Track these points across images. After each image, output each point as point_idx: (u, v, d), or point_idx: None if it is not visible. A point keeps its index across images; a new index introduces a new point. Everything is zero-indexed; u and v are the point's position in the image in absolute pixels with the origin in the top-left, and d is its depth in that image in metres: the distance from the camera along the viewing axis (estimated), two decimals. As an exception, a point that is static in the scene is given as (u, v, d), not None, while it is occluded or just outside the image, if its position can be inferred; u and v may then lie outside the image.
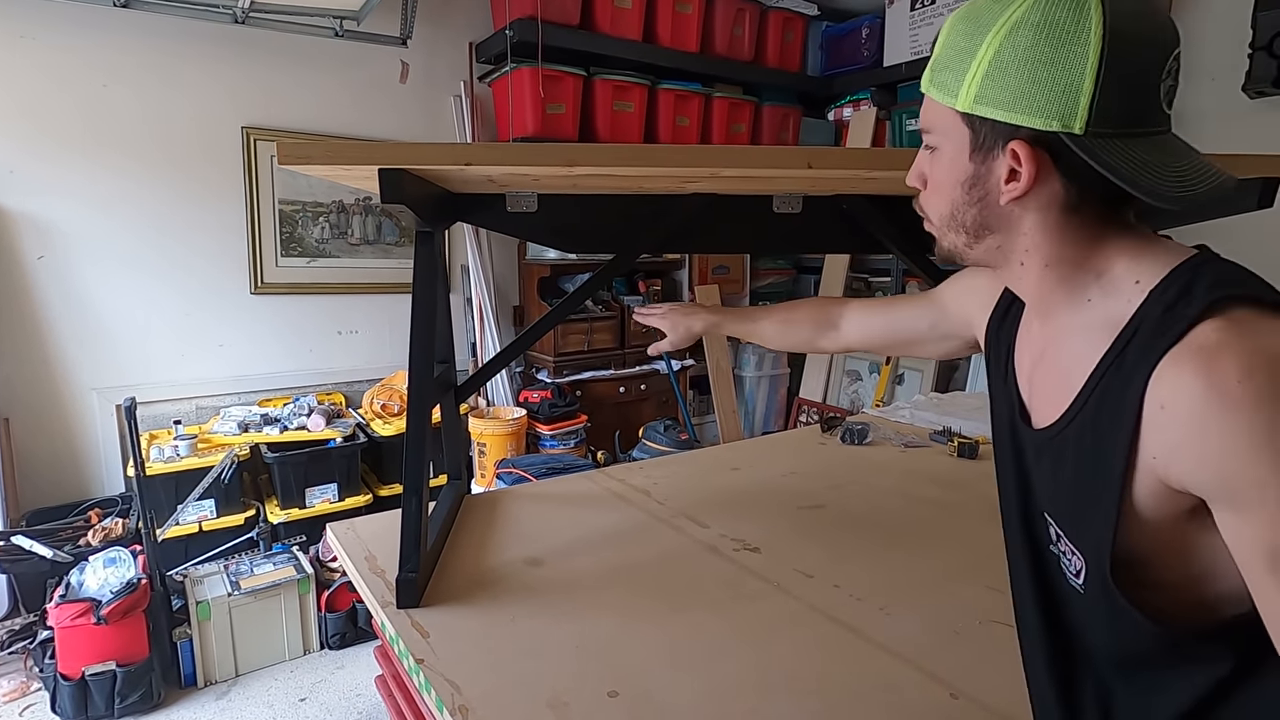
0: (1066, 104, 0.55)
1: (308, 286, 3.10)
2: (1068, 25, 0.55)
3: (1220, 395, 0.50)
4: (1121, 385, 0.57)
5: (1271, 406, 0.49)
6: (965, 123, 0.61)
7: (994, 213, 0.62)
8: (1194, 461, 0.53)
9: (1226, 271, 0.57)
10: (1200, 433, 0.52)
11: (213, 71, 2.79)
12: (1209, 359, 0.51)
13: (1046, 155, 0.58)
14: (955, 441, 1.91)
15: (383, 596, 1.16)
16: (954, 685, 0.93)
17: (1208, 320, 0.53)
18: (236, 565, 2.42)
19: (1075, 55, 0.54)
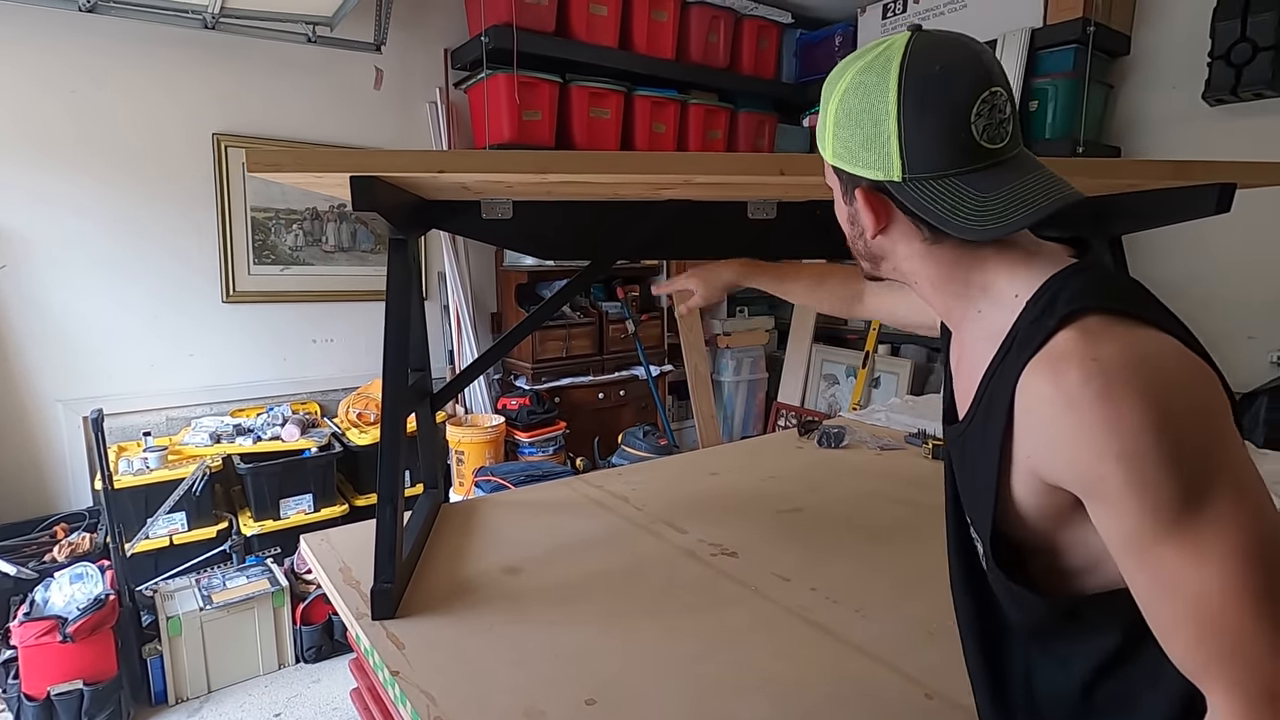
0: (884, 156, 0.63)
1: (281, 294, 3.06)
2: (874, 88, 0.63)
3: (1065, 399, 0.56)
4: (1000, 389, 0.62)
5: (1106, 407, 0.54)
6: (834, 173, 0.70)
7: (874, 245, 0.70)
8: (1057, 460, 0.59)
9: (1091, 282, 0.61)
10: (1056, 434, 0.57)
11: (182, 77, 2.75)
12: (1057, 366, 0.57)
13: (885, 199, 0.66)
14: (929, 444, 1.93)
15: (357, 608, 1.14)
16: (929, 686, 0.94)
17: (1062, 330, 0.58)
18: (208, 579, 2.37)
19: (880, 114, 0.63)
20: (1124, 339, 0.57)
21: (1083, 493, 0.58)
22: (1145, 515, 0.54)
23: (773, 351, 4.42)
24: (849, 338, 4.11)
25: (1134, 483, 0.54)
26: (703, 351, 3.93)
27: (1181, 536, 0.53)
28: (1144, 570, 0.56)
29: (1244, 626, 0.52)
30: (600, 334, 3.58)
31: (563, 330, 3.45)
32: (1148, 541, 0.54)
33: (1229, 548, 0.52)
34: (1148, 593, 0.57)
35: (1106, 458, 0.54)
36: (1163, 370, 0.55)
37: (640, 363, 3.62)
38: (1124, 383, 0.54)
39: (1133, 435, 0.53)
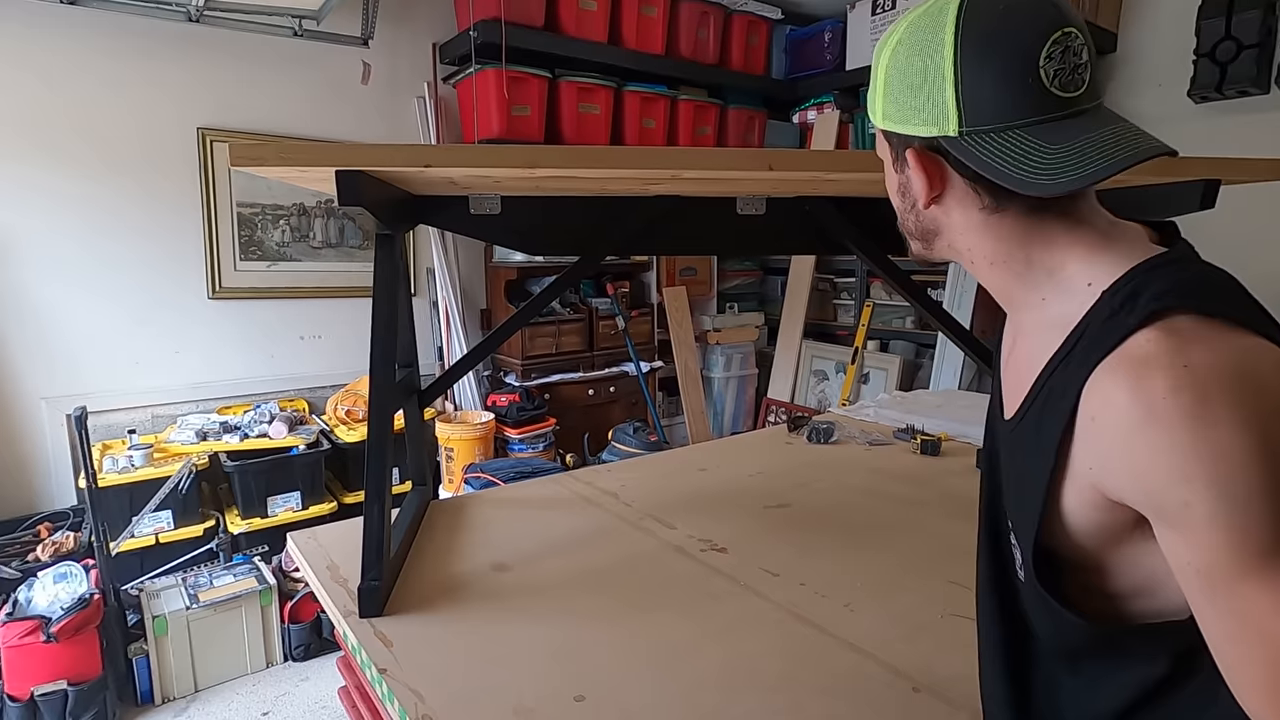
0: (938, 109, 0.57)
1: (268, 291, 3.03)
2: (928, 36, 0.57)
3: (1146, 410, 0.49)
4: (1063, 388, 0.56)
5: (1196, 424, 0.47)
6: (884, 138, 0.64)
7: (926, 216, 0.64)
8: (1124, 476, 0.52)
9: (1182, 277, 0.54)
10: (1127, 448, 0.51)
11: (166, 71, 2.72)
12: (1138, 372, 0.50)
13: (939, 159, 0.59)
14: (918, 439, 1.94)
15: (345, 606, 1.13)
16: (916, 679, 0.94)
17: (1144, 329, 0.51)
18: (195, 578, 2.35)
19: (935, 62, 0.56)
20: (1221, 345, 0.50)
21: (1154, 514, 0.52)
22: (1233, 550, 0.47)
23: (762, 348, 4.43)
24: (838, 334, 4.13)
25: (1223, 513, 0.47)
26: (692, 348, 3.93)
27: (1273, 577, 0.47)
28: (1220, 609, 0.50)
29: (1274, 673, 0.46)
30: (590, 330, 3.58)
31: (553, 326, 3.44)
32: (1231, 579, 0.48)
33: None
34: (1221, 632, 0.51)
35: (1195, 482, 0.48)
36: (1266, 385, 0.48)
37: (630, 359, 3.62)
38: (1220, 397, 0.47)
39: (1227, 460, 0.47)
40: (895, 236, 1.54)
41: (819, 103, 4.07)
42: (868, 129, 3.81)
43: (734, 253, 4.23)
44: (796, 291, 4.11)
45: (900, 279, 1.56)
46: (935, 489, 1.66)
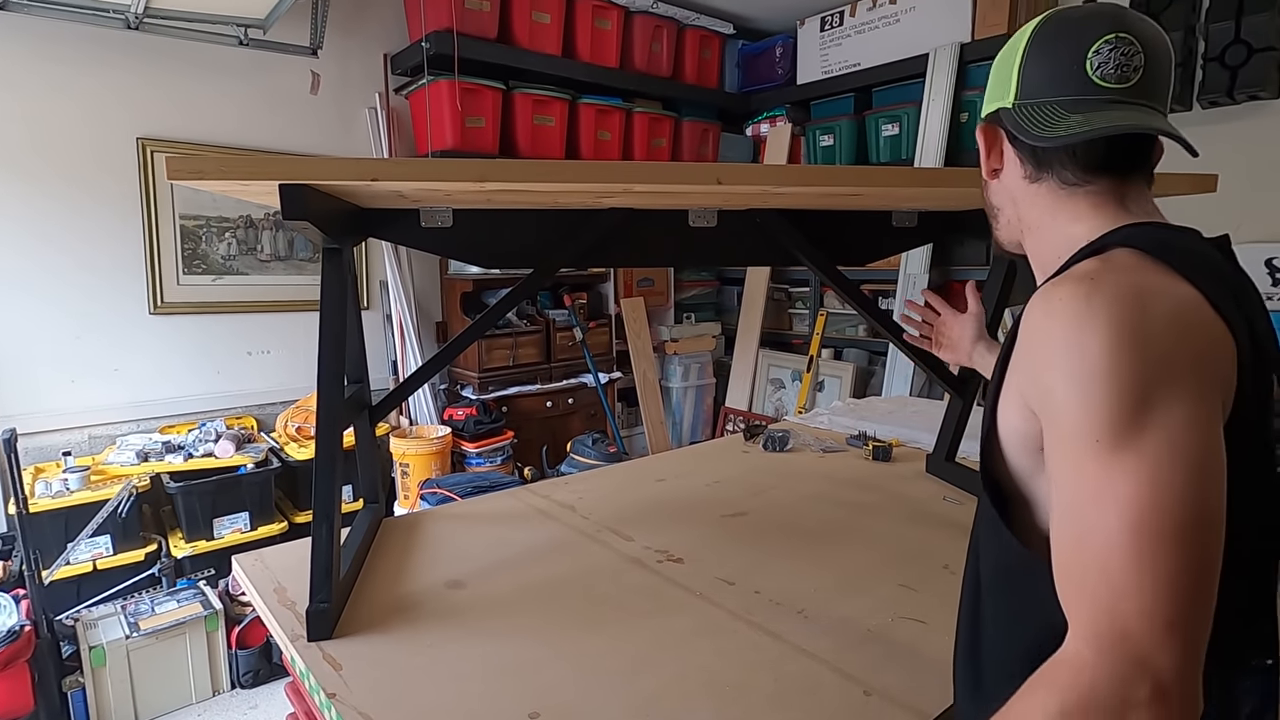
0: (1006, 84, 0.69)
1: (213, 305, 2.95)
2: (1017, 37, 0.70)
3: (1045, 309, 0.56)
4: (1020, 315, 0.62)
5: (1072, 322, 0.54)
6: (987, 123, 0.75)
7: (991, 190, 0.76)
8: (1029, 373, 0.59)
9: (1152, 233, 0.60)
10: (1033, 344, 0.58)
11: (104, 79, 2.63)
12: (1058, 283, 0.57)
13: (996, 128, 0.71)
14: (870, 445, 1.98)
15: (293, 630, 1.10)
16: (867, 683, 0.96)
17: (1088, 259, 0.59)
18: (136, 605, 2.26)
19: (1015, 49, 0.69)
20: (1137, 274, 0.55)
21: (1039, 410, 0.57)
22: (1076, 422, 0.53)
23: (720, 357, 4.47)
24: (794, 343, 4.19)
25: (1073, 395, 0.53)
26: (651, 358, 3.95)
27: (1100, 455, 0.51)
28: (1060, 486, 0.54)
29: (1121, 563, 0.50)
30: (548, 342, 3.56)
31: (510, 339, 3.42)
32: (1068, 451, 0.53)
33: (1139, 482, 0.50)
34: (1057, 510, 0.55)
35: (1057, 370, 0.54)
36: (1156, 307, 0.53)
37: (589, 370, 3.62)
38: (1102, 306, 0.53)
39: (1084, 355, 0.52)
40: (844, 247, 1.57)
41: (771, 116, 4.15)
42: (820, 142, 3.89)
43: (688, 264, 4.27)
44: (752, 301, 4.17)
45: (849, 289, 1.60)
46: (886, 494, 1.70)
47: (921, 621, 1.12)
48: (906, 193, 1.34)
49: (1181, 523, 0.49)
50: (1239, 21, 2.62)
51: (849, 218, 1.57)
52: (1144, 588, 0.49)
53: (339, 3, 3.01)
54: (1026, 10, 3.15)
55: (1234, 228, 2.77)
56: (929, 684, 0.96)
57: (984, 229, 1.61)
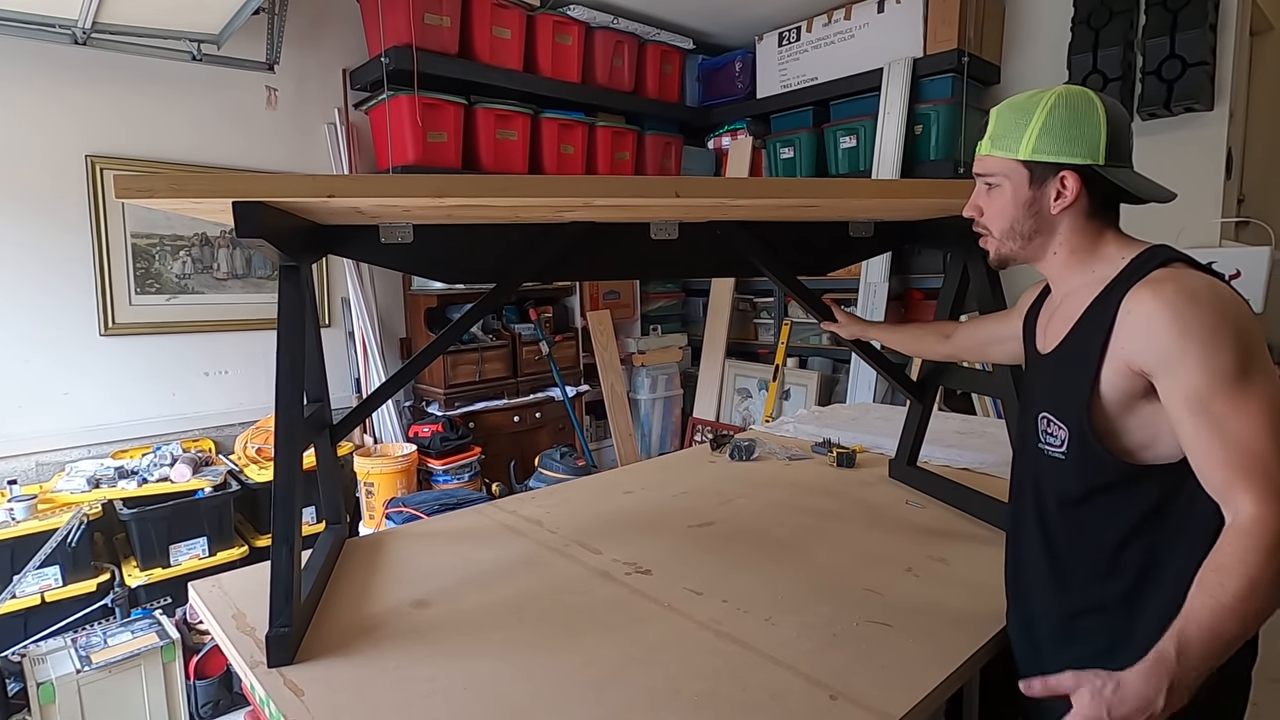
0: (1092, 147, 0.91)
1: (168, 325, 2.87)
2: (1083, 104, 0.92)
3: (1160, 302, 0.83)
4: (1105, 305, 0.90)
5: (1190, 308, 0.81)
6: (1025, 166, 0.95)
7: (1044, 221, 0.96)
8: (1144, 344, 0.84)
9: (1174, 252, 0.91)
10: (1149, 325, 0.84)
11: (50, 95, 2.56)
12: (1158, 284, 0.85)
13: (1081, 178, 0.92)
14: (834, 452, 2.01)
15: (252, 656, 1.08)
16: (833, 687, 0.97)
17: (1160, 269, 0.87)
18: (87, 637, 2.17)
19: (1093, 120, 0.91)
20: (1201, 278, 0.85)
21: (1159, 369, 0.83)
22: (1208, 378, 0.80)
23: (687, 368, 4.49)
24: (760, 352, 4.23)
25: (1205, 355, 0.79)
26: (618, 370, 3.95)
27: (1230, 396, 0.79)
28: (1198, 419, 0.81)
29: (1268, 451, 0.77)
30: (514, 356, 3.54)
31: (475, 354, 3.39)
32: (1205, 398, 0.80)
33: (1261, 407, 0.79)
34: (1195, 434, 0.81)
35: (1189, 336, 0.80)
36: (1227, 295, 0.83)
37: (556, 384, 3.60)
38: (1203, 294, 0.82)
39: (1207, 324, 0.80)
40: (803, 257, 1.59)
41: (732, 129, 4.21)
42: (780, 154, 3.95)
43: (651, 277, 4.30)
44: (718, 312, 4.20)
45: (808, 298, 1.62)
46: (850, 500, 1.72)
47: (887, 625, 1.14)
48: (861, 204, 1.37)
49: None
50: (1173, 37, 2.75)
51: (807, 229, 1.61)
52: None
53: (296, 18, 2.98)
54: (975, 27, 3.26)
55: (1174, 234, 2.89)
56: (894, 686, 0.98)
57: (938, 239, 1.65)
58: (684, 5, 3.78)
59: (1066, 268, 0.98)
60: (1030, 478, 1.04)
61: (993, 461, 1.91)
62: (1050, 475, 0.99)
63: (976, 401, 3.13)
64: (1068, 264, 0.97)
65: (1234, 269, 2.73)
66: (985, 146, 0.99)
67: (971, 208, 1.04)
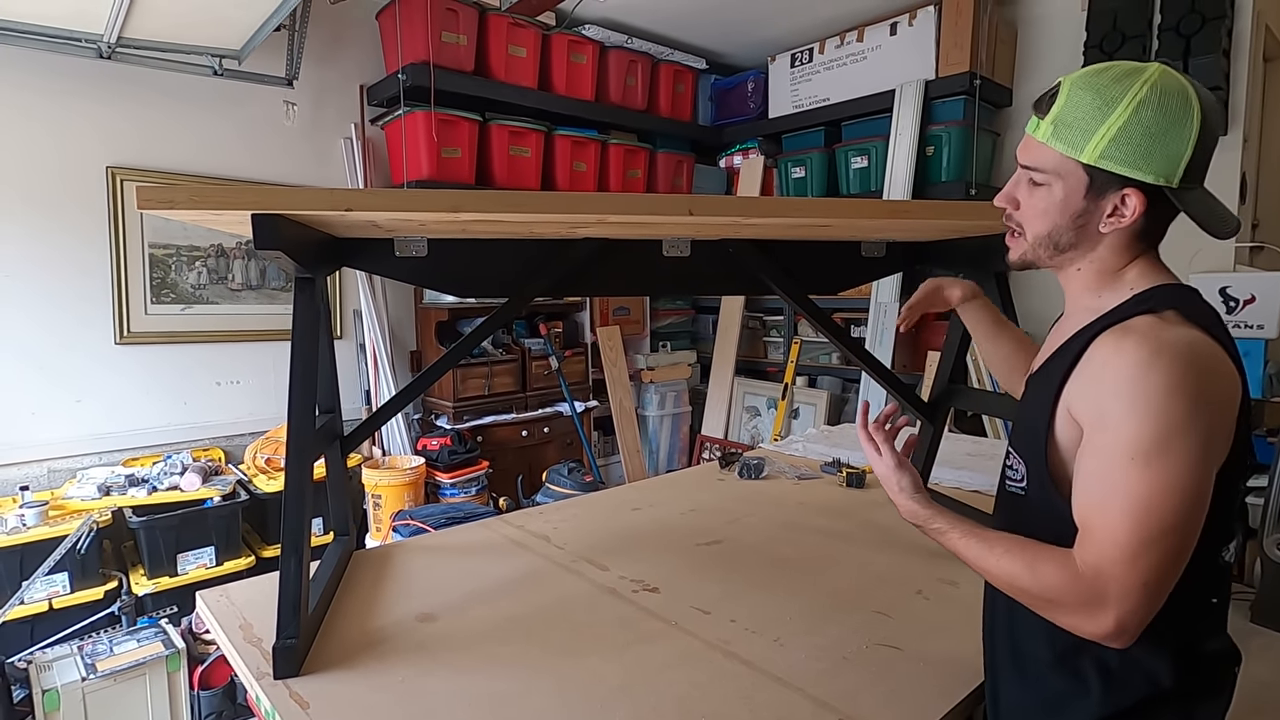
0: (1171, 166, 0.75)
1: (182, 335, 2.90)
2: (1179, 109, 0.75)
3: (1115, 353, 0.74)
4: (1080, 343, 0.80)
5: (1140, 368, 0.71)
6: (1086, 171, 0.79)
7: (1087, 237, 0.83)
8: (1086, 394, 0.76)
9: (1186, 296, 0.79)
10: (1096, 376, 0.76)
11: (74, 108, 2.62)
12: (1125, 333, 0.75)
13: (1145, 200, 0.77)
14: (844, 472, 2.00)
15: (258, 668, 1.07)
16: (842, 710, 0.96)
17: (1146, 316, 0.76)
18: (93, 645, 2.18)
19: (1184, 131, 0.75)
20: (1186, 335, 0.73)
21: (1090, 423, 0.75)
22: (1117, 441, 0.72)
23: (696, 385, 4.49)
24: (769, 370, 4.23)
25: (1128, 422, 0.71)
26: (627, 386, 3.95)
27: (1129, 466, 0.71)
28: (1090, 473, 0.75)
29: (1123, 541, 0.71)
30: (523, 371, 3.55)
31: (485, 368, 3.40)
32: (1115, 458, 0.72)
33: (1143, 495, 0.70)
34: (1085, 486, 0.75)
35: (1122, 399, 0.72)
36: (1200, 362, 0.72)
37: (565, 399, 3.61)
38: (1165, 360, 0.71)
39: (1146, 394, 0.70)
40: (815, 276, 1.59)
41: (744, 148, 4.24)
42: (791, 173, 3.96)
43: (662, 293, 4.31)
44: (728, 330, 4.21)
45: (820, 317, 1.62)
46: (859, 521, 1.71)
47: (896, 648, 1.13)
48: (873, 224, 1.38)
49: (1167, 526, 0.70)
50: (1186, 63, 2.76)
51: (819, 248, 1.61)
52: (1134, 557, 0.71)
53: (315, 34, 3.04)
54: (987, 50, 3.28)
55: (1189, 258, 2.88)
56: (904, 710, 0.96)
57: (949, 260, 1.65)
58: (697, 26, 3.82)
59: (1083, 287, 0.86)
60: (1000, 508, 0.95)
61: (1004, 484, 1.90)
62: (1014, 511, 0.90)
63: (987, 423, 3.11)
64: (1086, 284, 0.85)
65: (1249, 294, 2.72)
66: (1044, 130, 0.81)
67: (1006, 198, 0.88)
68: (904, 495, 0.95)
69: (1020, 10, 3.49)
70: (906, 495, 0.95)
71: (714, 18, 3.70)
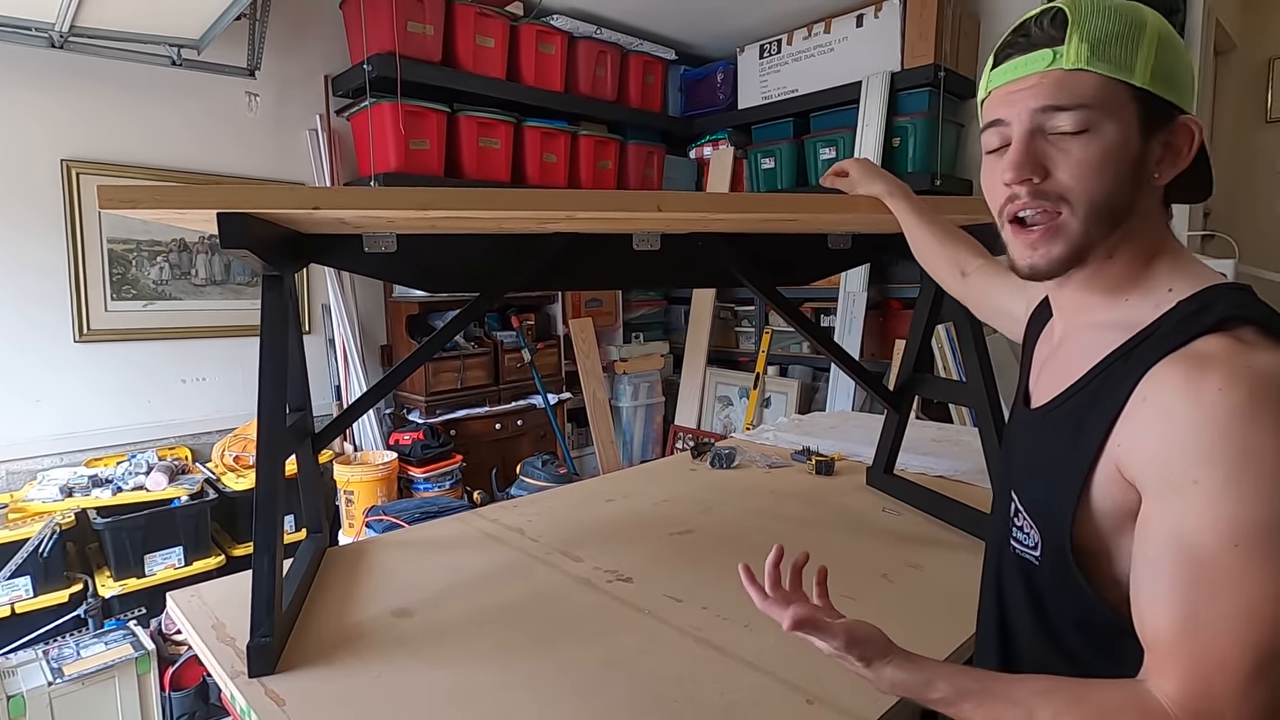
0: (1190, 95, 0.62)
1: (145, 332, 2.84)
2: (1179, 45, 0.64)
3: (1195, 396, 0.54)
4: (1121, 375, 0.60)
5: (1237, 417, 0.52)
6: (1140, 100, 0.61)
7: (1143, 195, 0.63)
8: (1146, 450, 0.57)
9: (1251, 300, 0.60)
10: (1162, 425, 0.55)
11: (25, 98, 2.54)
12: (1200, 364, 0.55)
13: (1193, 129, 0.63)
14: (814, 460, 2.04)
15: (233, 667, 1.07)
16: (810, 692, 0.99)
17: (1214, 334, 0.57)
18: (59, 649, 2.14)
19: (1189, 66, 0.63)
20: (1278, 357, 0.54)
21: (1157, 488, 0.56)
22: (1221, 523, 0.52)
23: (669, 376, 4.52)
24: (740, 360, 4.27)
25: (1228, 498, 0.51)
26: (600, 378, 3.97)
27: (1244, 560, 0.51)
28: (1183, 567, 0.53)
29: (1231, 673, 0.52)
30: (496, 363, 3.55)
31: (457, 361, 3.39)
32: (1204, 547, 0.52)
33: (1269, 590, 0.51)
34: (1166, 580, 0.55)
35: (1215, 464, 0.52)
36: None
37: (538, 391, 3.61)
38: (1268, 400, 0.52)
39: (1252, 455, 0.51)
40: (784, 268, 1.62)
41: (714, 139, 4.26)
42: (761, 165, 3.99)
43: (632, 286, 4.32)
44: (699, 320, 4.24)
45: (789, 309, 1.65)
46: (828, 507, 1.75)
47: (862, 630, 1.16)
48: (838, 218, 1.40)
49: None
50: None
51: (788, 240, 1.63)
52: (1249, 685, 0.51)
53: (278, 24, 2.97)
54: (951, 42, 3.33)
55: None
56: (870, 690, 0.99)
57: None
58: (666, 16, 3.82)
59: (1104, 288, 0.66)
60: (994, 568, 0.77)
61: (968, 469, 1.95)
62: (1026, 582, 0.71)
63: (953, 409, 3.18)
64: (1111, 282, 0.66)
65: (1199, 281, 2.81)
66: (1077, 53, 0.60)
67: (1030, 166, 0.63)
68: (874, 670, 0.69)
69: (983, 3, 3.55)
70: (874, 671, 0.70)
71: (682, 8, 3.70)
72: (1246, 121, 3.78)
